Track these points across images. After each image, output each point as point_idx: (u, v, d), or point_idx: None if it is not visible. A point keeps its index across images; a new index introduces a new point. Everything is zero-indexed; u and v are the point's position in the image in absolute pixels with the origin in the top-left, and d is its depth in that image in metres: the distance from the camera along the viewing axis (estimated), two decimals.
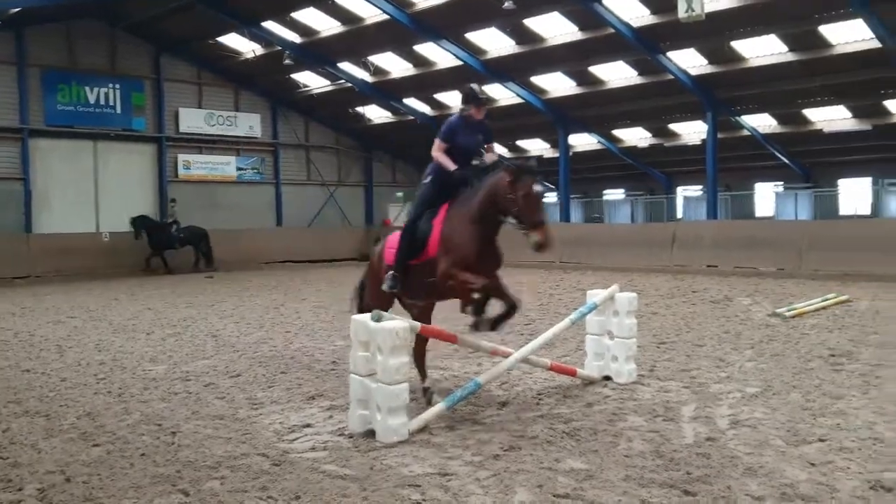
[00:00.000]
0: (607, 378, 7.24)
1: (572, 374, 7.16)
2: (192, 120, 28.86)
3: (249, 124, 30.43)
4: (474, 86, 6.55)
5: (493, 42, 24.06)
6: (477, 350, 7.00)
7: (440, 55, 25.27)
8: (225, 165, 30.11)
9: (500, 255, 6.28)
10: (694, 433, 5.55)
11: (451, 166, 6.31)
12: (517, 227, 5.83)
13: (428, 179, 6.55)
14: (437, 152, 6.46)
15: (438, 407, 5.88)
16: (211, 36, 26.73)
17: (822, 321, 10.84)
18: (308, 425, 6.02)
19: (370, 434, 5.55)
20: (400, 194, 36.11)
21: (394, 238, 6.70)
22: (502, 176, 5.88)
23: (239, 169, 30.53)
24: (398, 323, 5.55)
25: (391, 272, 6.46)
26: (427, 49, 25.20)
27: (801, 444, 5.22)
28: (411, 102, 29.96)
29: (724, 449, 5.16)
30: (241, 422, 6.19)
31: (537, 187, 5.74)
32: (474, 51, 24.49)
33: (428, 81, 27.44)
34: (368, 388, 5.54)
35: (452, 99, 29.22)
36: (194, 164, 29.16)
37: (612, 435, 5.55)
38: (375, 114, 32.37)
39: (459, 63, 24.80)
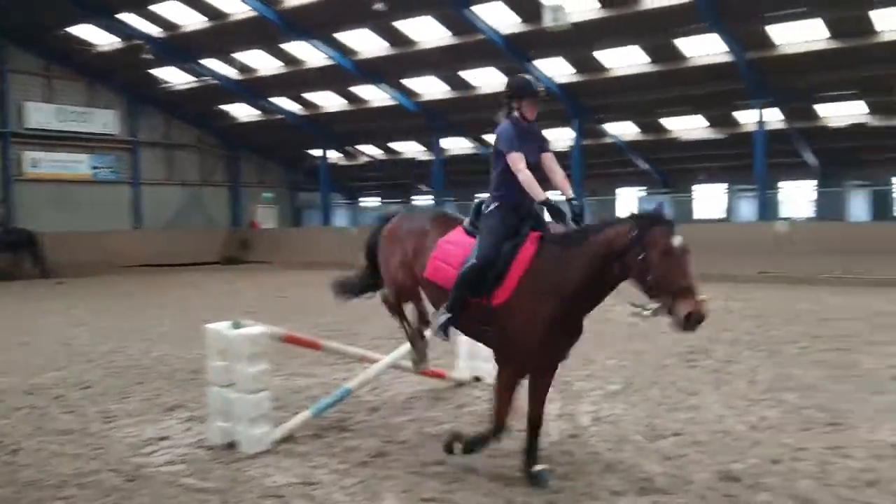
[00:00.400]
0: (478, 379, 7.30)
1: (441, 377, 7.17)
2: (41, 115, 26.94)
3: (105, 121, 28.78)
4: (527, 76, 5.08)
5: (366, 43, 23.91)
6: (344, 356, 6.88)
7: (311, 54, 24.86)
8: (78, 164, 28.32)
9: (581, 328, 4.73)
10: (558, 431, 5.67)
11: (541, 194, 4.75)
12: (650, 298, 4.27)
13: (495, 206, 4.91)
14: (522, 168, 4.78)
15: (304, 415, 5.72)
16: (61, 26, 25.03)
17: None
18: (165, 438, 5.76)
19: (232, 446, 5.34)
20: (268, 195, 35.30)
21: (450, 245, 4.99)
22: (622, 230, 4.37)
23: (94, 168, 28.83)
24: (256, 329, 5.38)
25: (446, 313, 4.83)
26: (297, 47, 24.72)
27: (658, 438, 5.43)
28: (280, 101, 29.31)
29: (587, 445, 5.30)
30: (92, 436, 5.83)
31: (678, 240, 4.21)
32: (346, 51, 24.26)
33: (298, 80, 26.94)
34: (228, 398, 5.33)
35: (323, 99, 28.86)
36: (43, 162, 27.22)
37: None
38: (242, 112, 31.43)
39: (331, 62, 24.51)
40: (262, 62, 26.41)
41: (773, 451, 5.11)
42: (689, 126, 26.86)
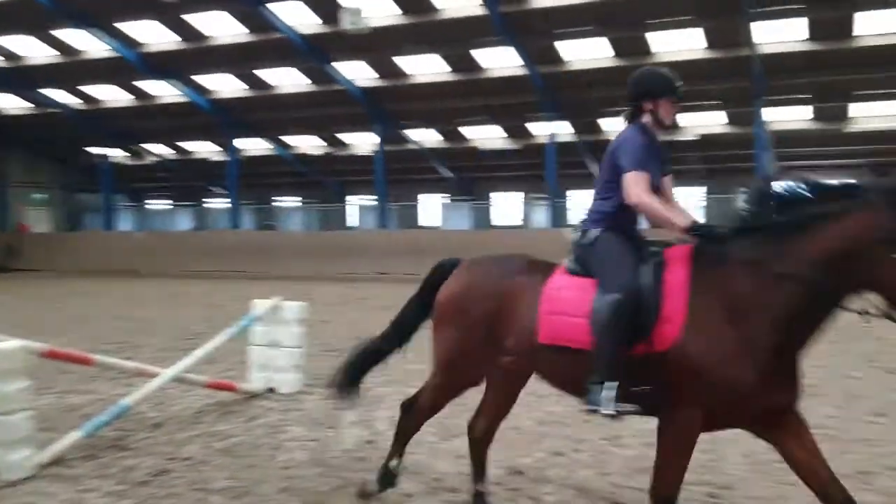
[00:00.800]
0: (271, 390, 7.07)
1: (232, 389, 6.86)
2: None
3: None
4: (662, 70, 3.91)
5: (153, 35, 22.52)
6: (122, 371, 6.39)
7: (89, 43, 22.97)
8: None
9: (798, 371, 3.36)
10: (354, 438, 5.60)
11: (681, 221, 3.57)
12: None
13: (601, 232, 3.80)
14: (642, 193, 3.63)
15: (74, 435, 5.20)
16: None
17: None
18: None
19: None
20: (40, 196, 32.30)
21: (562, 291, 3.74)
22: (865, 220, 3.06)
23: None
24: (10, 344, 4.85)
25: (607, 382, 3.48)
26: (72, 35, 22.73)
27: (451, 438, 5.51)
28: (55, 94, 26.84)
29: (382, 450, 5.23)
30: None
31: None
32: (130, 42, 22.69)
33: (75, 71, 24.81)
34: None
35: (105, 93, 26.82)
36: None
37: (273, 448, 5.40)
38: (9, 104, 28.43)
39: (114, 54, 22.83)
40: (32, 49, 24.01)
41: (557, 444, 5.38)
42: (487, 135, 27.96)
